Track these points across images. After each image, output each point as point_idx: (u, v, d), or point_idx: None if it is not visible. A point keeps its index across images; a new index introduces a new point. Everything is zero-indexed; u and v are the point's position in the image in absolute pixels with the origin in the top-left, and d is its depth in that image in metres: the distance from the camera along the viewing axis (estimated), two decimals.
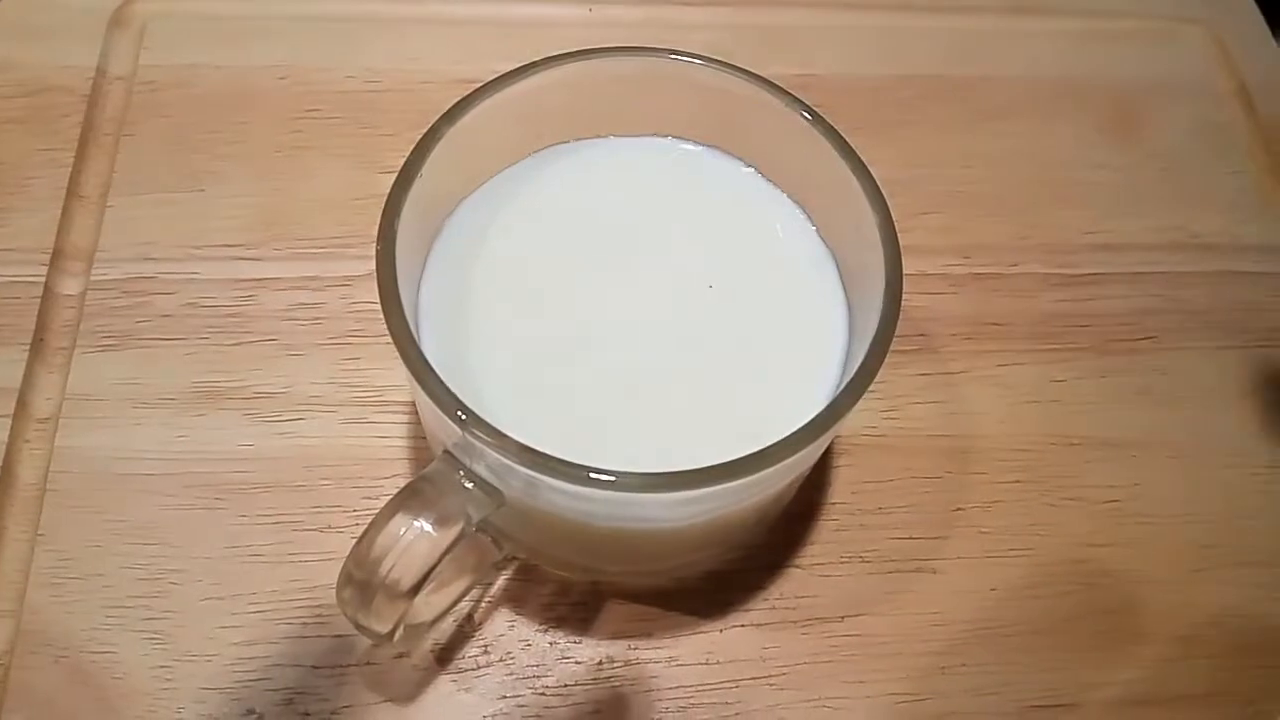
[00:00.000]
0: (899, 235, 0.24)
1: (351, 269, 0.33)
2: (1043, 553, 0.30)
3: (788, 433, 0.22)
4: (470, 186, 0.28)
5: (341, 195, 0.34)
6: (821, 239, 0.27)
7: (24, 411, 0.30)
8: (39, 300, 0.32)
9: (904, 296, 0.23)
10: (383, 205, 0.24)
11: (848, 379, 0.23)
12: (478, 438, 0.21)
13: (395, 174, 0.24)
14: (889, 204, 0.24)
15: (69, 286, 0.32)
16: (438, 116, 0.25)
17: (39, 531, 0.28)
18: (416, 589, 0.22)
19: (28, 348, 0.31)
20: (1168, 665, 0.29)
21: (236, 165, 0.35)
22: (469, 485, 0.23)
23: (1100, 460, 0.32)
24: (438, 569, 0.22)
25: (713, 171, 0.28)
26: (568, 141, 0.28)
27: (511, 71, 0.26)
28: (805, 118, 0.25)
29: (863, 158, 0.25)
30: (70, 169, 0.34)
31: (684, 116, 0.28)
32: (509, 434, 0.21)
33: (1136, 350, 0.34)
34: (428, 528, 0.22)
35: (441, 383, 0.22)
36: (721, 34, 0.39)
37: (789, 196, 0.28)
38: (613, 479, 0.21)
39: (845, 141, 0.25)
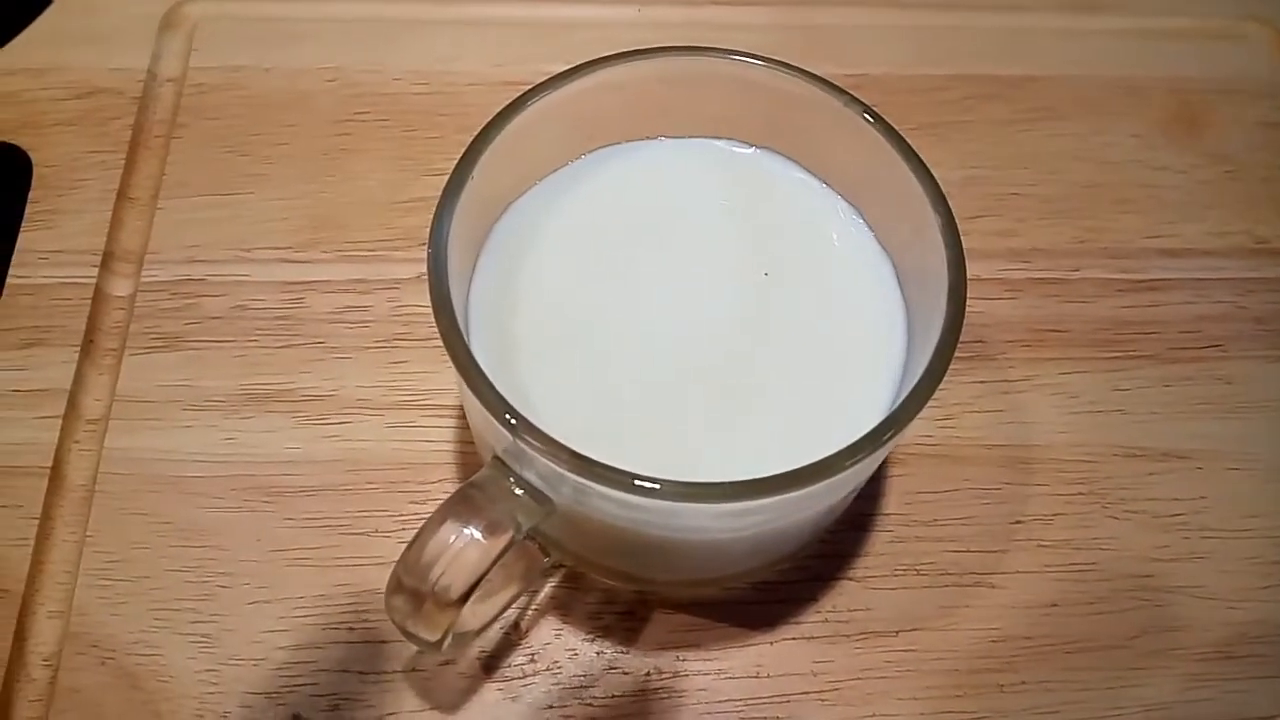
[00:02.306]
0: None
1: (399, 272, 0.33)
2: (1105, 567, 0.29)
3: (845, 441, 0.21)
4: (520, 189, 0.27)
5: (389, 198, 0.34)
6: (879, 242, 0.27)
7: (74, 412, 0.30)
8: (89, 302, 0.32)
9: None
10: (433, 208, 0.23)
11: (908, 385, 0.23)
12: (528, 443, 0.21)
13: (443, 176, 0.24)
14: None
15: (119, 288, 0.32)
16: (487, 119, 0.25)
17: (87, 533, 0.28)
18: (466, 597, 0.22)
19: (78, 349, 0.31)
20: (1236, 684, 0.28)
21: (284, 167, 0.35)
22: (519, 492, 0.22)
23: (1164, 472, 0.31)
24: (487, 577, 0.22)
25: (766, 174, 0.28)
26: (619, 143, 0.28)
27: (562, 73, 0.26)
28: (867, 119, 0.25)
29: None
30: (120, 171, 0.34)
31: (738, 118, 0.27)
32: (559, 439, 0.21)
33: (1201, 358, 0.33)
34: (478, 535, 0.22)
35: (492, 387, 0.21)
36: (771, 34, 0.39)
37: (844, 199, 0.27)
38: (656, 487, 0.21)
39: (906, 143, 0.24)
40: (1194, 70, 0.39)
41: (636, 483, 0.21)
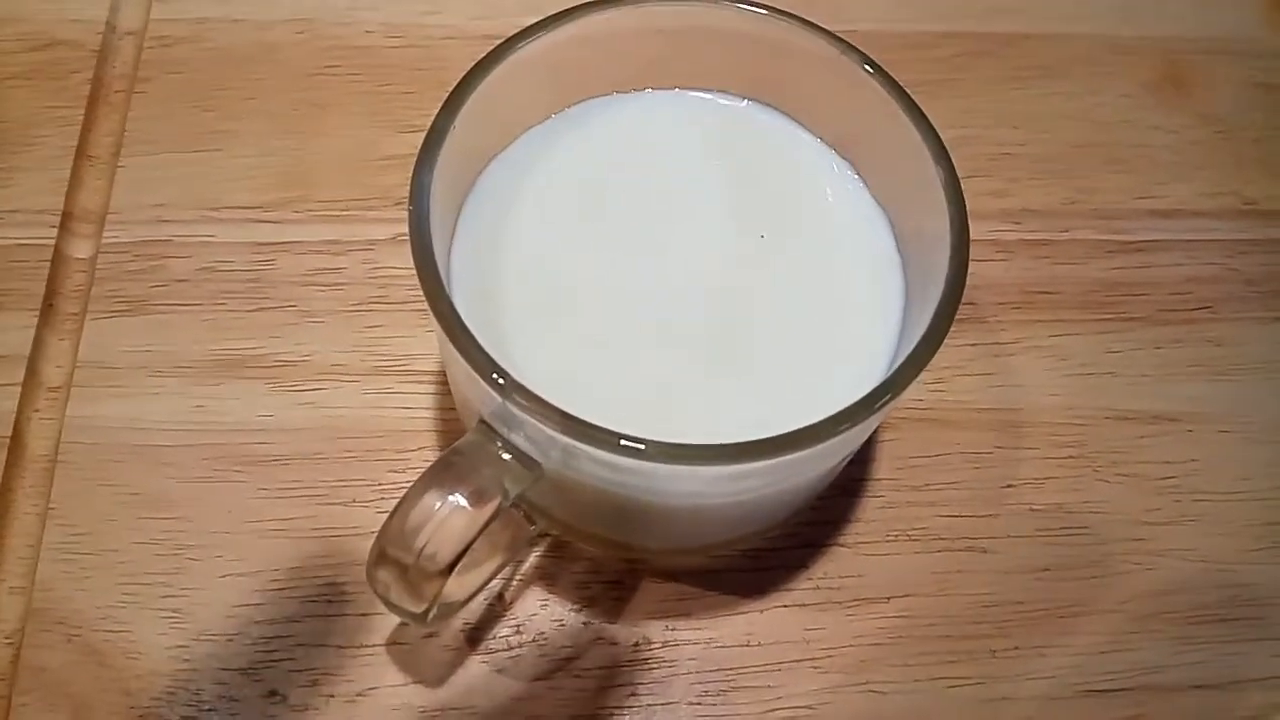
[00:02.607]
0: None
1: (374, 232, 0.32)
2: (1097, 531, 0.29)
3: (842, 403, 0.21)
4: (503, 142, 0.26)
5: (362, 155, 0.33)
6: (874, 198, 0.26)
7: (34, 380, 0.29)
8: (48, 264, 0.30)
9: None
10: (410, 167, 0.22)
11: (907, 345, 0.22)
12: (517, 403, 0.20)
13: (419, 134, 0.23)
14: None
15: (79, 249, 0.31)
16: (467, 70, 0.23)
17: (50, 505, 0.27)
18: (452, 566, 0.21)
19: (37, 313, 0.30)
20: (1229, 647, 0.28)
21: (253, 123, 0.33)
22: (506, 457, 0.21)
23: (1156, 435, 0.30)
24: (473, 546, 0.21)
25: (757, 127, 0.27)
26: (604, 95, 0.27)
27: (545, 20, 0.24)
28: (866, 70, 0.24)
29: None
30: (79, 127, 0.33)
31: (728, 68, 0.26)
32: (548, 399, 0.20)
33: (1191, 320, 0.32)
34: (464, 502, 0.21)
35: (479, 347, 0.20)
36: None
37: (838, 153, 0.26)
38: (642, 448, 0.20)
39: (908, 95, 0.23)
40: (1184, 30, 0.38)
41: (623, 443, 0.20)
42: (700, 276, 0.25)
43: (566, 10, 0.24)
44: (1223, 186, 0.35)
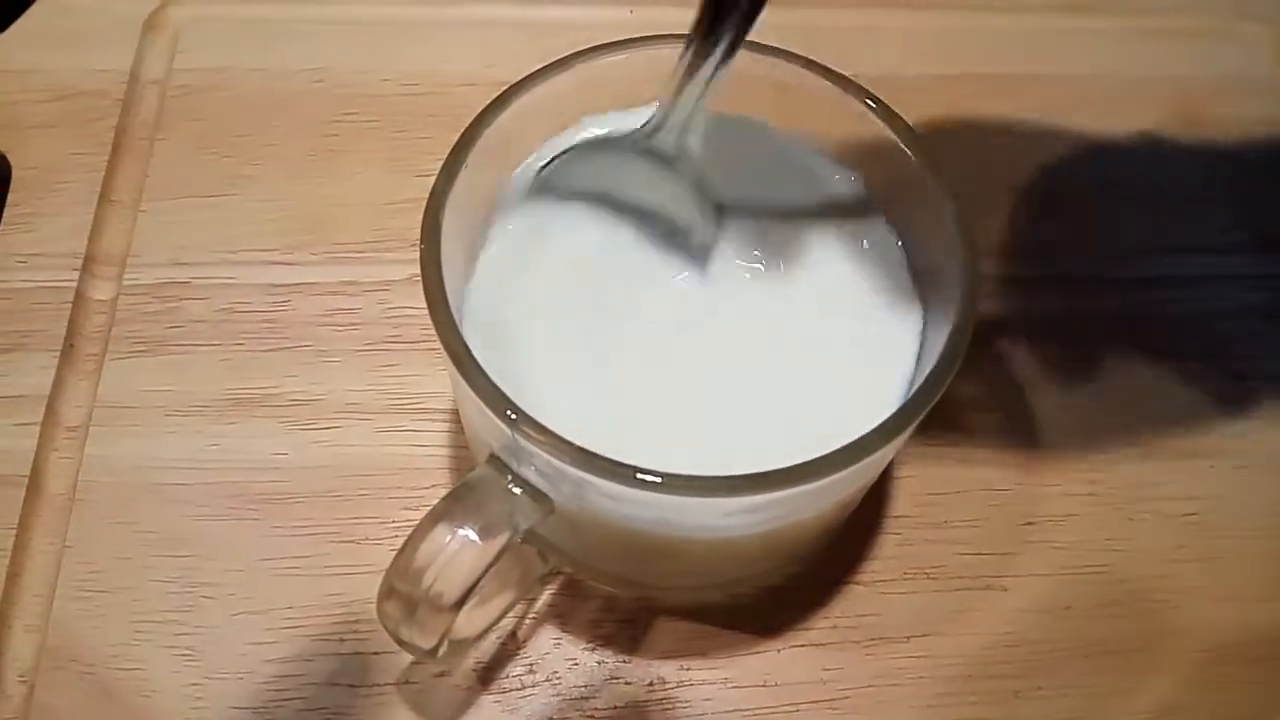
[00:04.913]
0: None
1: (389, 273, 0.32)
2: (1120, 569, 0.28)
3: (857, 435, 0.21)
4: (515, 184, 0.26)
5: (378, 199, 0.33)
6: (891, 234, 0.26)
7: (53, 419, 0.29)
8: (70, 306, 0.31)
9: None
10: (424, 205, 0.23)
11: (921, 378, 0.22)
12: (528, 437, 0.20)
13: (432, 177, 0.23)
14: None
15: (100, 292, 0.31)
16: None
17: (66, 543, 0.27)
18: (462, 601, 0.21)
19: (58, 354, 0.30)
20: (1257, 688, 0.27)
21: (271, 169, 0.34)
22: (517, 491, 0.21)
23: (1177, 471, 0.30)
24: (484, 580, 0.21)
25: (772, 164, 0.27)
26: (616, 133, 0.27)
27: (556, 62, 0.25)
28: (869, 105, 0.24)
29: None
30: (103, 173, 0.33)
31: (737, 107, 0.27)
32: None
33: (1210, 355, 0.32)
34: (473, 536, 0.21)
35: (490, 381, 0.20)
36: (769, 36, 0.37)
37: (853, 190, 0.26)
38: (659, 480, 0.20)
39: (913, 130, 0.24)
40: (1194, 69, 0.38)
41: (639, 476, 0.20)
42: (715, 310, 0.25)
43: (578, 52, 0.25)
44: (1238, 222, 0.35)
